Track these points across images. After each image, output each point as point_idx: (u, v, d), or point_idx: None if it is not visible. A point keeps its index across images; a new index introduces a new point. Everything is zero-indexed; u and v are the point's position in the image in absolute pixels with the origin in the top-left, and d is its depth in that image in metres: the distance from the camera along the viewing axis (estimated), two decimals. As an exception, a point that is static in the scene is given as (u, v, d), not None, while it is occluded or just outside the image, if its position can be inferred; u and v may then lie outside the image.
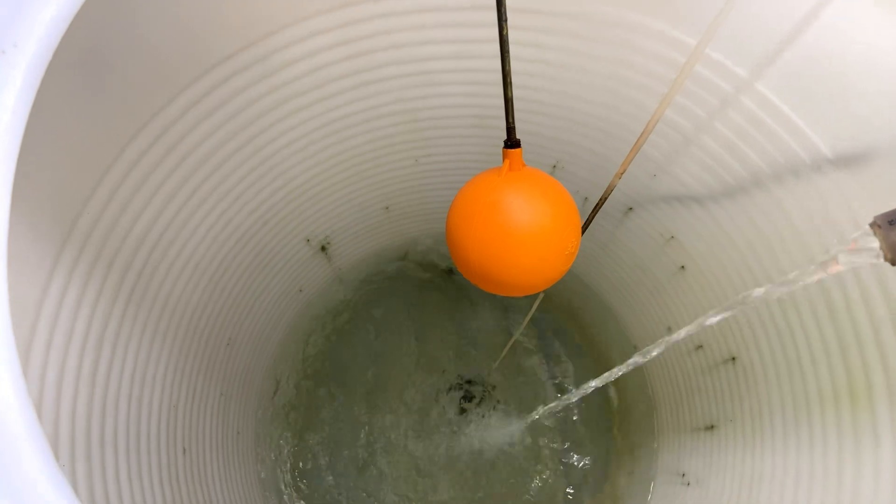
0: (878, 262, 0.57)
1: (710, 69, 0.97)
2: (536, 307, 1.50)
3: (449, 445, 1.97)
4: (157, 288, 1.11)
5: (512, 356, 2.06)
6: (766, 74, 0.92)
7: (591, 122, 1.28)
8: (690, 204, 1.25)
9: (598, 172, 1.43)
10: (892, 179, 0.85)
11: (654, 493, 1.68)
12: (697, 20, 0.95)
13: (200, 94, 0.99)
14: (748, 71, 0.93)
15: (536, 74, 1.19)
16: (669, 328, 1.60)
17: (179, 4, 0.85)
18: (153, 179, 1.01)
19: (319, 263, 1.76)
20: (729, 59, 0.93)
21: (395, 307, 2.12)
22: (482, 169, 1.58)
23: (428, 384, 2.04)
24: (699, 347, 1.46)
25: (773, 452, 1.16)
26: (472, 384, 2.06)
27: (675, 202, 1.29)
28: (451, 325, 2.12)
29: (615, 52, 1.07)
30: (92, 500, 0.91)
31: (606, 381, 1.19)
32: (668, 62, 1.02)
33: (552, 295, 2.11)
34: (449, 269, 2.15)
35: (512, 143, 0.68)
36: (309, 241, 1.62)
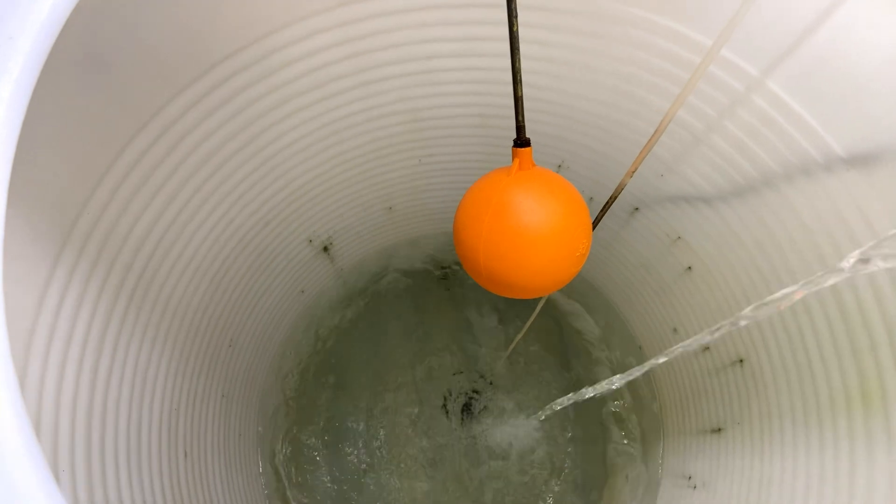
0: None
1: (721, 68, 0.96)
2: (540, 309, 1.49)
3: (452, 447, 1.96)
4: (158, 289, 1.10)
5: (515, 357, 2.04)
6: (778, 73, 0.90)
7: (596, 120, 1.26)
8: (698, 204, 1.24)
9: (603, 172, 1.41)
10: (906, 179, 0.84)
11: (660, 495, 1.66)
12: (707, 16, 0.93)
13: (200, 93, 0.98)
14: (760, 69, 0.91)
15: (541, 72, 1.17)
16: (675, 329, 1.58)
17: (179, 4, 0.83)
18: (153, 180, 0.99)
19: (321, 264, 1.74)
20: (741, 57, 0.91)
21: (397, 308, 2.10)
22: (485, 168, 1.57)
23: (431, 385, 2.03)
24: (706, 349, 1.45)
25: (782, 456, 1.15)
26: (475, 385, 2.05)
27: (682, 202, 1.28)
28: (454, 325, 2.10)
29: (622, 49, 1.05)
30: (92, 506, 0.89)
31: (623, 382, 1.17)
32: (676, 59, 1.01)
33: (555, 295, 2.09)
34: (452, 269, 2.14)
35: (522, 141, 0.66)
36: (311, 241, 1.61)
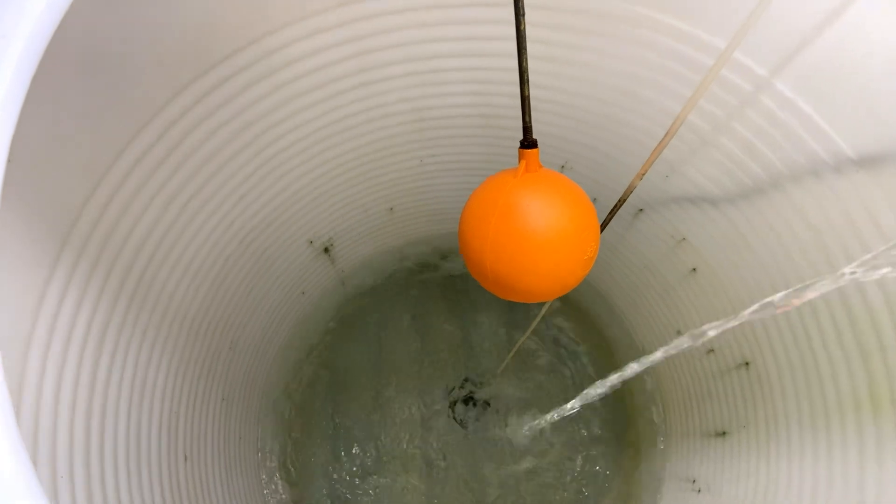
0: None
1: (729, 68, 0.94)
2: (545, 310, 1.47)
3: (454, 449, 1.95)
4: (157, 292, 1.09)
5: (517, 359, 2.03)
6: (787, 73, 0.89)
7: (601, 121, 1.25)
8: (704, 205, 1.22)
9: (607, 173, 1.40)
10: (918, 181, 0.82)
11: (663, 498, 1.65)
12: (713, 15, 0.92)
13: (201, 93, 0.97)
14: (769, 70, 0.90)
15: (545, 72, 1.16)
16: (679, 331, 1.57)
17: (179, 2, 0.82)
18: (154, 181, 0.98)
19: (322, 265, 1.73)
20: (749, 57, 0.90)
21: (398, 309, 2.09)
22: (488, 169, 1.56)
23: (433, 387, 2.01)
24: (710, 351, 1.43)
25: (789, 461, 1.13)
26: (477, 387, 2.03)
27: (687, 204, 1.27)
28: (455, 327, 2.09)
29: (628, 49, 1.04)
30: (91, 511, 0.88)
31: (620, 379, 1.15)
32: (683, 59, 0.99)
33: (558, 297, 2.08)
34: (454, 270, 2.12)
35: (528, 143, 0.65)
36: (312, 242, 1.59)
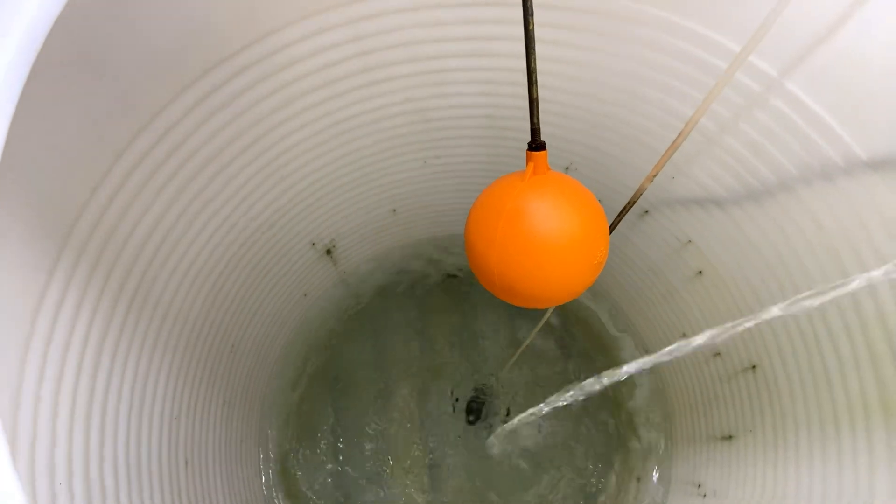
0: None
1: (741, 70, 0.93)
2: (548, 315, 1.46)
3: (457, 451, 1.93)
4: (158, 295, 1.07)
5: (521, 361, 2.01)
6: (796, 73, 0.87)
7: (607, 122, 1.23)
8: (710, 207, 1.21)
9: (612, 175, 1.39)
10: (932, 184, 0.81)
11: (669, 502, 1.64)
12: (722, 15, 0.90)
13: (203, 93, 0.95)
14: (778, 69, 0.88)
15: (552, 73, 1.14)
16: (684, 334, 1.55)
17: (179, 1, 0.80)
18: (154, 182, 0.97)
19: (324, 267, 1.72)
20: (759, 57, 0.88)
21: (401, 311, 2.07)
22: (493, 170, 1.55)
23: (436, 390, 2.00)
24: (717, 355, 1.42)
25: (797, 466, 1.12)
26: (479, 389, 2.02)
27: (693, 205, 1.25)
28: (458, 329, 2.07)
29: (635, 49, 1.03)
30: (90, 519, 0.87)
31: (618, 377, 1.13)
32: (691, 59, 0.98)
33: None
34: (457, 272, 2.11)
35: (537, 145, 0.63)
36: (314, 244, 1.58)
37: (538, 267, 0.63)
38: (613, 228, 0.98)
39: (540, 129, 0.64)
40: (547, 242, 0.62)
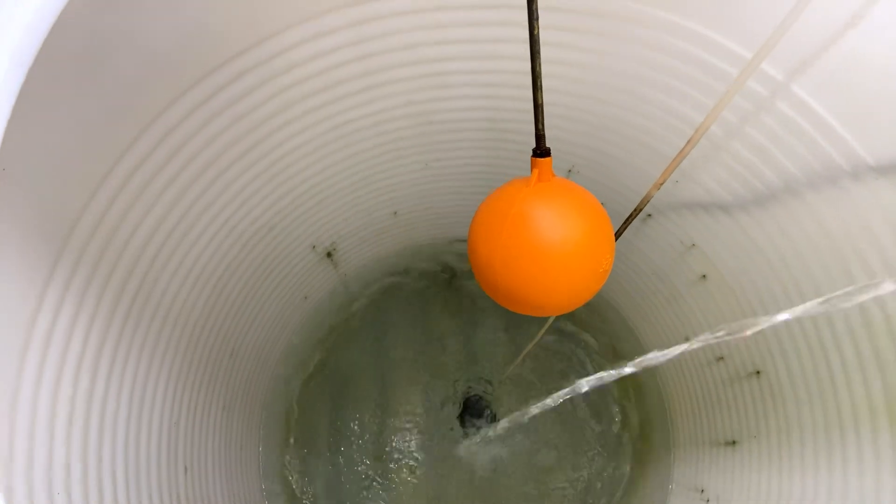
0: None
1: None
2: (551, 320, 1.45)
3: (458, 456, 1.92)
4: (157, 300, 1.06)
5: (521, 365, 2.00)
6: (803, 77, 0.86)
7: (609, 124, 1.22)
8: (715, 211, 1.20)
9: (614, 177, 1.38)
10: (941, 189, 0.80)
11: (671, 507, 1.63)
12: (727, 17, 0.89)
13: (203, 96, 0.94)
14: (785, 73, 0.87)
15: (554, 75, 1.13)
16: (687, 338, 1.54)
17: (180, 3, 0.79)
18: (154, 186, 0.96)
19: (325, 270, 1.71)
20: (766, 61, 0.87)
21: (401, 314, 2.06)
22: (494, 174, 1.54)
23: (436, 394, 1.99)
24: (720, 359, 1.41)
25: (802, 472, 1.11)
26: (480, 393, 2.01)
27: (698, 209, 1.24)
28: (459, 332, 2.06)
29: (637, 50, 1.02)
30: (88, 528, 0.86)
31: (611, 378, 1.12)
32: (696, 62, 0.97)
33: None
34: (458, 275, 2.10)
35: (542, 151, 0.62)
36: (315, 247, 1.57)
37: (543, 275, 0.62)
38: (619, 236, 0.97)
39: (545, 135, 0.63)
40: (552, 250, 0.61)
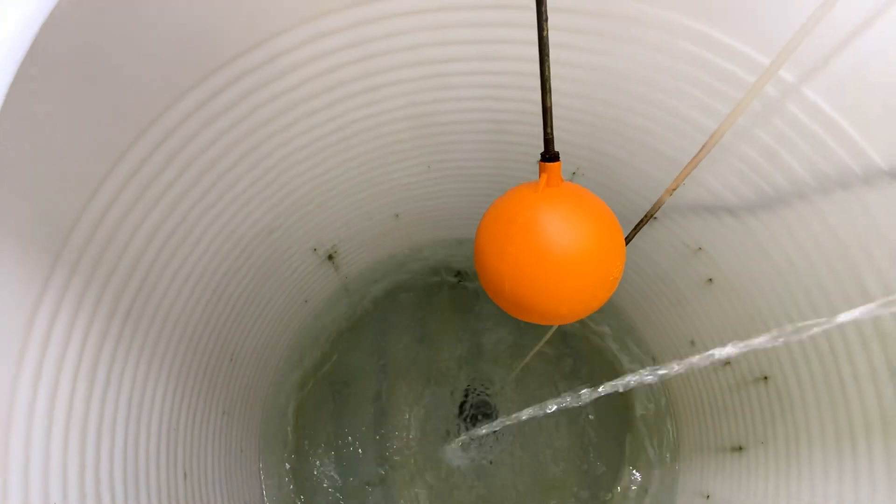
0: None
1: (754, 74, 0.90)
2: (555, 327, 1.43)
3: (460, 461, 1.91)
4: (156, 305, 1.05)
5: (525, 369, 1.99)
6: (815, 79, 0.85)
7: (616, 127, 1.21)
8: (722, 214, 1.18)
9: (619, 179, 1.36)
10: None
11: (675, 514, 1.61)
12: (737, 18, 0.87)
13: (202, 98, 0.93)
14: (796, 75, 0.86)
15: (557, 76, 1.11)
16: (693, 342, 1.53)
17: (179, 4, 0.78)
18: (153, 188, 0.94)
19: (326, 273, 1.69)
20: (776, 62, 0.85)
21: (403, 317, 2.05)
22: (497, 176, 1.52)
23: (438, 398, 1.97)
24: (727, 364, 1.39)
25: (811, 481, 1.09)
26: (483, 396, 1.99)
27: (704, 212, 1.22)
28: (461, 336, 2.05)
29: (642, 52, 1.00)
30: (85, 537, 0.84)
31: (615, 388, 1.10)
32: (703, 64, 0.95)
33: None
34: (460, 277, 2.08)
35: (550, 156, 0.61)
36: (316, 250, 1.55)
37: (552, 283, 0.60)
38: (629, 241, 0.95)
39: (553, 138, 0.62)
40: (562, 258, 0.59)
